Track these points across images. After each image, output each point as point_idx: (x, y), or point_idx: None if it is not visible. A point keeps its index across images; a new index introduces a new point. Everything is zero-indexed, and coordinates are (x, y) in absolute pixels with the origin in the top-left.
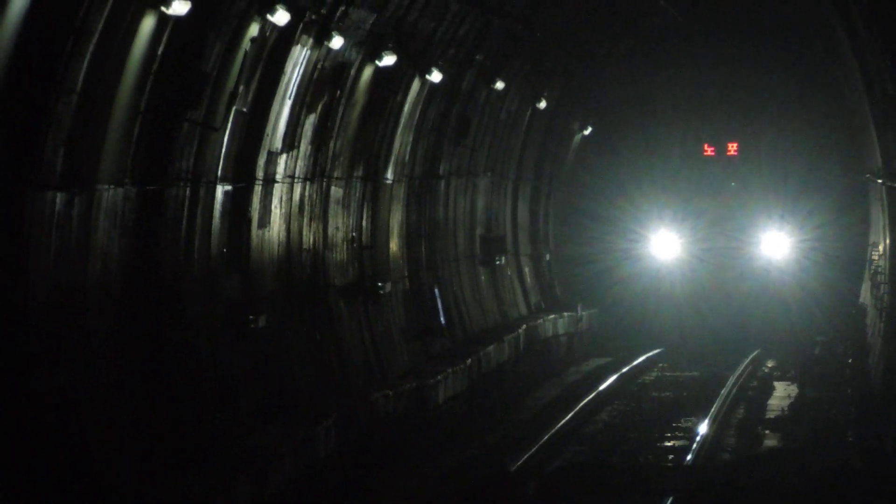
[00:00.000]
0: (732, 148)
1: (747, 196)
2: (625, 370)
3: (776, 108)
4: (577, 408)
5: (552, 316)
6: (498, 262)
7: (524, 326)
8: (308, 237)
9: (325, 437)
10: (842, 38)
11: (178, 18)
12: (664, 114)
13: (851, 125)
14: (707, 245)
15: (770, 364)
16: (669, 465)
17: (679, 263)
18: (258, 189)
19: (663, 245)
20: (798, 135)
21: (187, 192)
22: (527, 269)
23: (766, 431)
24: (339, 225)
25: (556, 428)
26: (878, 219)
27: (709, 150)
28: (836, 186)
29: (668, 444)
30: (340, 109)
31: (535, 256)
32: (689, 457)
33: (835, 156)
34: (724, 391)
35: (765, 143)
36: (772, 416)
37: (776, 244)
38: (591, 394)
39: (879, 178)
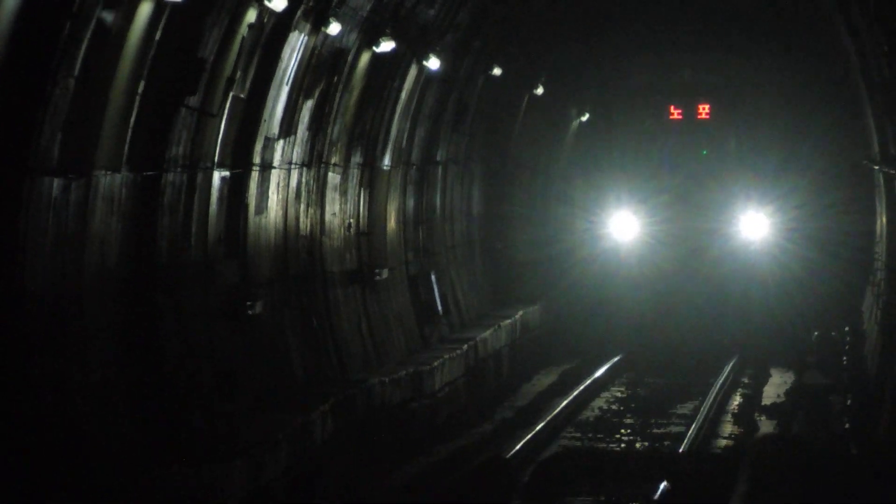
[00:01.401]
0: (704, 110)
1: (722, 167)
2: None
3: (759, 63)
4: None
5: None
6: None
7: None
8: (305, 223)
9: (322, 424)
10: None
11: (175, 4)
12: (623, 71)
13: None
14: (672, 227)
15: (754, 382)
16: None
17: (639, 250)
18: (255, 175)
19: (622, 229)
20: (786, 96)
21: (184, 178)
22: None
23: None
24: (336, 211)
25: None
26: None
27: (675, 113)
28: (834, 163)
29: None
30: (338, 95)
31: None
32: None
33: (831, 125)
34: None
35: (744, 105)
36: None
37: (756, 226)
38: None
39: (875, 165)
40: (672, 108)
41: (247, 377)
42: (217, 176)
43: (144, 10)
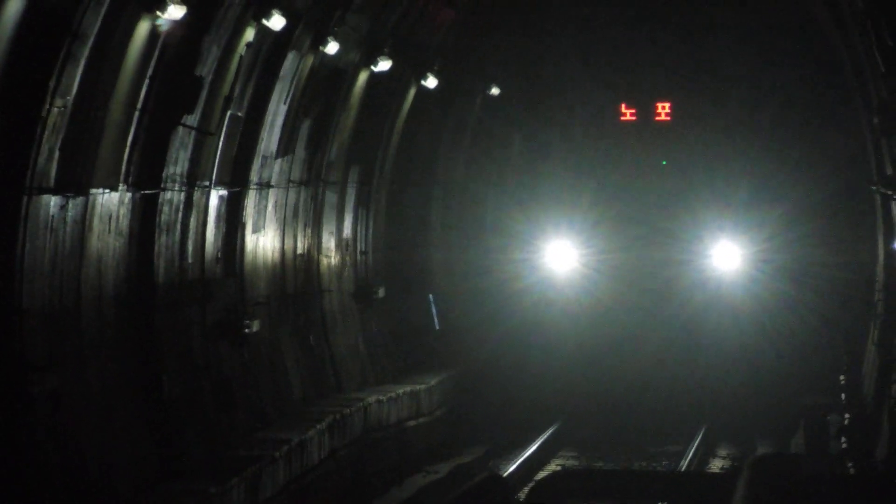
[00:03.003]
0: (664, 110)
1: (685, 183)
2: None
3: (733, 50)
4: None
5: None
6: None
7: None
8: (302, 242)
9: (319, 443)
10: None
11: (173, 23)
12: (565, 66)
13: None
14: (621, 262)
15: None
16: None
17: (580, 291)
18: (253, 194)
19: (558, 265)
20: (770, 93)
21: (182, 196)
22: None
23: None
24: (333, 230)
25: None
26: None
27: (628, 114)
28: (820, 185)
29: None
30: (336, 114)
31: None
32: None
33: (818, 140)
34: None
35: (713, 103)
36: None
37: (730, 258)
38: None
39: (873, 185)
40: (624, 107)
41: (245, 394)
42: (215, 194)
43: (143, 29)
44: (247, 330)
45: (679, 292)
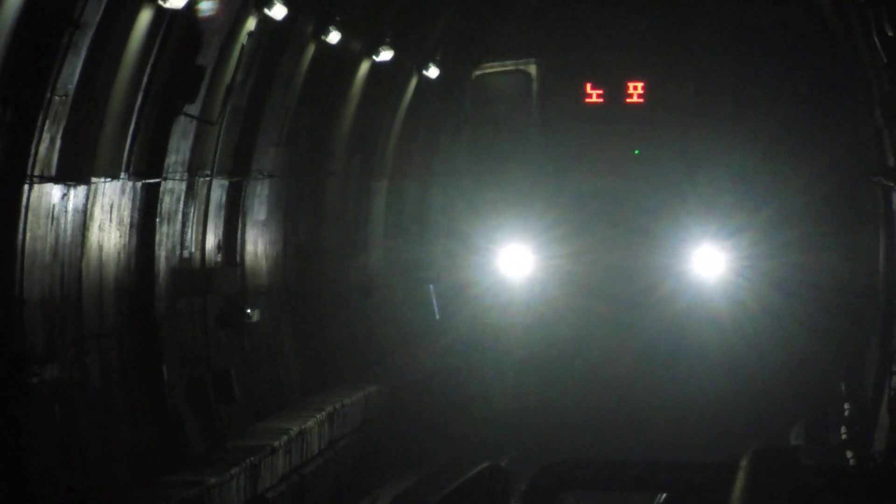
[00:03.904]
0: (635, 90)
1: (660, 175)
2: None
3: (719, 34)
4: None
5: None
6: None
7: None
8: (304, 231)
9: (319, 432)
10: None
11: (175, 12)
12: (522, 41)
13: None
14: (586, 269)
15: None
16: None
17: (538, 300)
18: (254, 183)
19: (512, 272)
20: (759, 78)
21: (183, 185)
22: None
23: None
24: (334, 219)
25: None
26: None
27: (594, 95)
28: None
29: None
30: (337, 104)
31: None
32: None
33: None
34: None
35: (694, 82)
36: None
37: (713, 264)
38: None
39: (874, 178)
40: (589, 86)
41: (245, 384)
42: (216, 184)
43: (144, 18)
44: (247, 320)
45: (654, 302)
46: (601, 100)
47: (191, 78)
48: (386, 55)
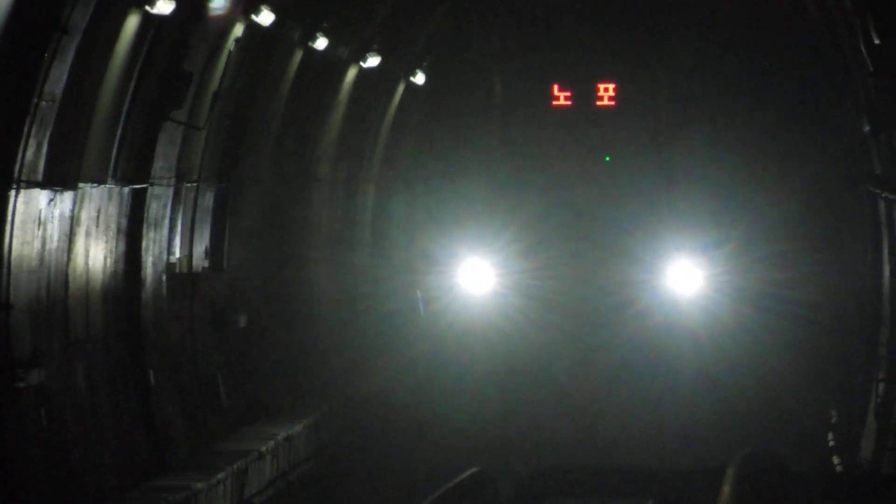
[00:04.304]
0: (606, 92)
1: (633, 184)
2: None
3: (698, 36)
4: None
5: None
6: None
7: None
8: (291, 237)
9: (307, 437)
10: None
11: (162, 18)
12: (489, 43)
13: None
14: (551, 284)
15: None
16: None
17: (499, 318)
18: (241, 189)
19: (473, 288)
20: (744, 69)
21: (171, 191)
22: None
23: None
24: (323, 225)
25: None
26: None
27: (562, 97)
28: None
29: None
30: (324, 109)
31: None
32: None
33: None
34: None
35: (670, 84)
36: None
37: (689, 281)
38: None
39: (861, 185)
40: (556, 88)
41: (232, 389)
42: (203, 189)
43: (132, 24)
44: (234, 325)
45: (625, 319)
46: (569, 102)
47: (178, 84)
48: (373, 61)
